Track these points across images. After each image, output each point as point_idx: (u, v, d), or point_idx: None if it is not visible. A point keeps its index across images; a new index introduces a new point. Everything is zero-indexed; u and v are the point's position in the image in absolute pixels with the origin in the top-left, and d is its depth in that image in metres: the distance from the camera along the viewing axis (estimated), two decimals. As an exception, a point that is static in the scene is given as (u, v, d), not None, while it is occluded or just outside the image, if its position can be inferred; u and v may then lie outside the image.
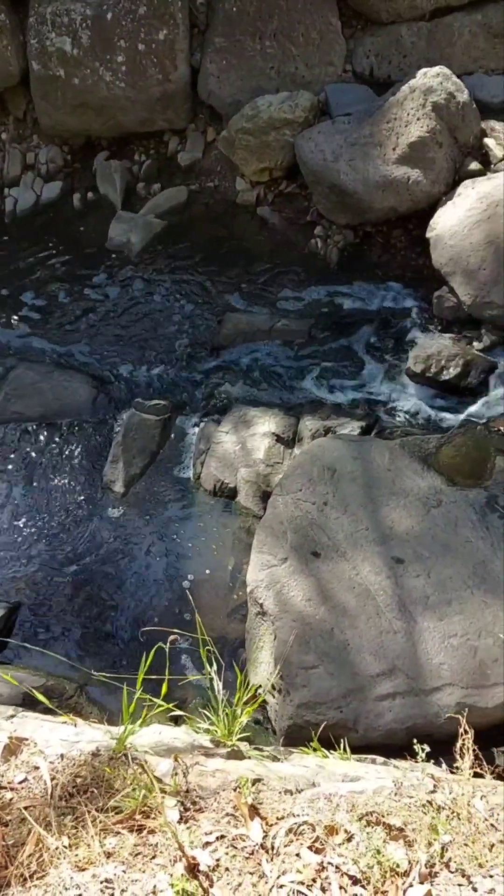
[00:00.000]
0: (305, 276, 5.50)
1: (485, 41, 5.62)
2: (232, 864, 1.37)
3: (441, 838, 1.38)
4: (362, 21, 5.79)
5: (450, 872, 1.33)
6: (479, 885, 1.29)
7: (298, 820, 1.44)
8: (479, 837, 1.40)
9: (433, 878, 1.32)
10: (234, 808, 1.50)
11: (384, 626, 3.33)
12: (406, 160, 5.09)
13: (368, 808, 1.47)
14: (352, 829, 1.41)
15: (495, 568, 3.46)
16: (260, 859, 1.38)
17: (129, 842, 1.40)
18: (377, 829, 1.41)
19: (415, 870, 1.31)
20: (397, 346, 5.09)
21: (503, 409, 4.53)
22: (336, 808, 1.47)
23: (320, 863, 1.35)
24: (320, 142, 5.38)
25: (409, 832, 1.41)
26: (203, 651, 2.17)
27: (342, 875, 1.32)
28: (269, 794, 1.55)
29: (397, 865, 1.33)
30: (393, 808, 1.46)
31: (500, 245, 4.73)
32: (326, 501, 3.79)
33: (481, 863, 1.35)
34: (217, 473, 4.44)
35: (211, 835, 1.43)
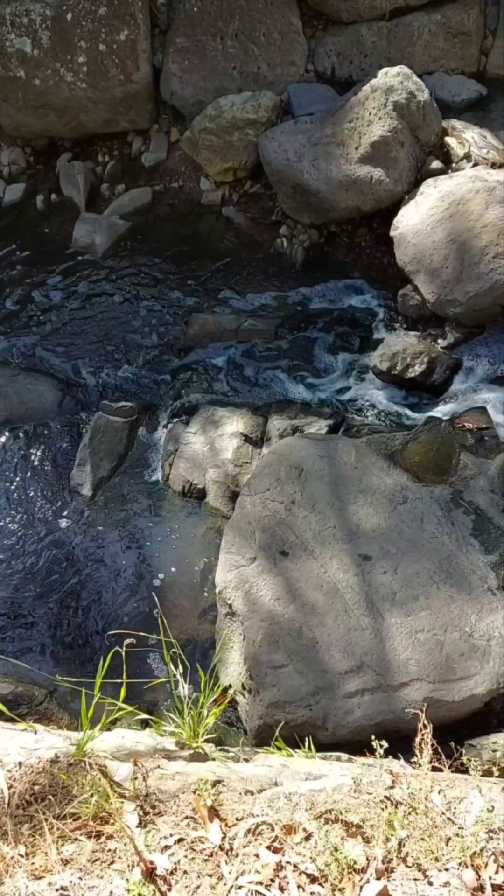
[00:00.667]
0: (271, 276, 5.51)
1: (444, 41, 5.67)
2: (190, 866, 1.37)
3: (398, 834, 1.39)
4: (323, 21, 5.82)
5: (406, 867, 1.34)
6: (434, 879, 1.31)
7: (258, 820, 1.44)
8: (435, 831, 1.42)
9: (390, 873, 1.33)
10: (194, 810, 1.49)
11: (352, 623, 3.34)
12: (368, 159, 5.12)
13: (327, 806, 1.48)
14: (310, 828, 1.41)
15: (461, 562, 3.50)
16: (219, 861, 1.37)
17: (87, 848, 1.39)
18: (335, 827, 1.42)
19: (372, 866, 1.32)
20: (363, 344, 5.12)
21: (467, 406, 4.58)
22: (295, 808, 1.48)
23: (279, 862, 1.35)
24: (283, 142, 5.39)
25: (367, 829, 1.42)
26: (167, 654, 2.17)
27: (300, 874, 1.32)
28: (229, 795, 1.55)
29: (355, 862, 1.34)
30: (351, 805, 1.47)
31: (462, 243, 4.78)
32: (294, 500, 3.80)
33: (437, 856, 1.36)
34: (186, 474, 4.43)
35: (170, 838, 1.42)
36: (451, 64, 5.75)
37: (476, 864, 1.34)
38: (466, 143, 5.30)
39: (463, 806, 1.48)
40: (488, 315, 4.83)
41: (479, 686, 3.15)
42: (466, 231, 4.77)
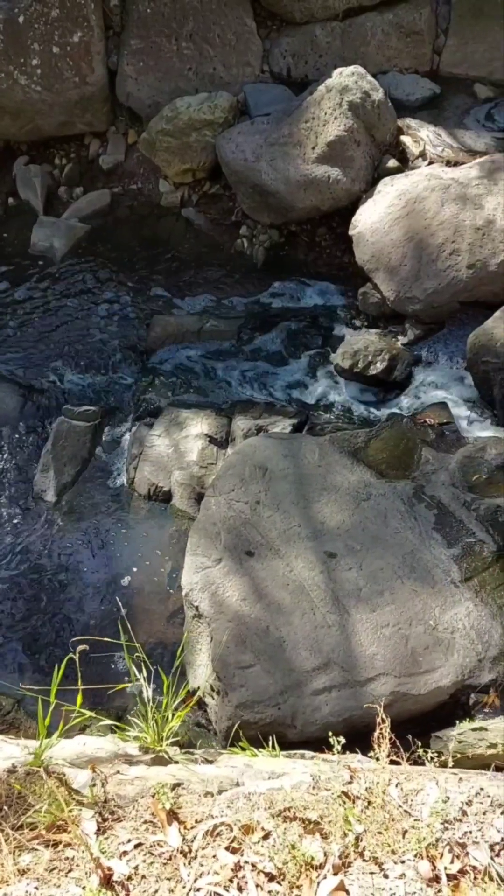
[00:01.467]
0: (233, 277, 5.52)
1: (398, 40, 5.72)
2: (149, 871, 1.37)
3: (354, 829, 1.40)
4: (277, 21, 5.84)
5: (363, 861, 1.35)
6: (390, 872, 1.32)
7: (217, 821, 1.44)
8: (392, 824, 1.43)
9: (347, 868, 1.34)
10: (153, 814, 1.49)
11: (319, 620, 3.36)
12: (325, 159, 5.15)
13: (286, 804, 1.48)
14: (269, 827, 1.42)
15: (424, 557, 3.54)
16: (177, 864, 1.37)
17: (45, 857, 1.38)
18: (294, 825, 1.43)
19: (329, 861, 1.33)
20: (325, 342, 5.15)
21: (428, 402, 4.63)
22: (254, 807, 1.48)
23: (237, 862, 1.35)
24: (241, 142, 5.40)
25: (325, 825, 1.43)
26: (128, 658, 2.16)
27: (258, 873, 1.33)
28: (188, 797, 1.55)
29: (312, 859, 1.35)
30: (310, 802, 1.48)
31: (419, 241, 4.83)
32: (259, 500, 3.80)
33: (394, 849, 1.38)
34: (151, 477, 4.41)
35: (128, 843, 1.42)
36: (404, 63, 5.80)
37: (431, 855, 1.36)
38: (421, 141, 5.36)
39: (420, 798, 1.50)
40: (447, 311, 4.88)
41: (444, 678, 3.18)
42: (423, 229, 4.83)
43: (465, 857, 1.35)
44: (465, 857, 1.36)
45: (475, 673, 3.21)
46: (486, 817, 1.43)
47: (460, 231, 4.75)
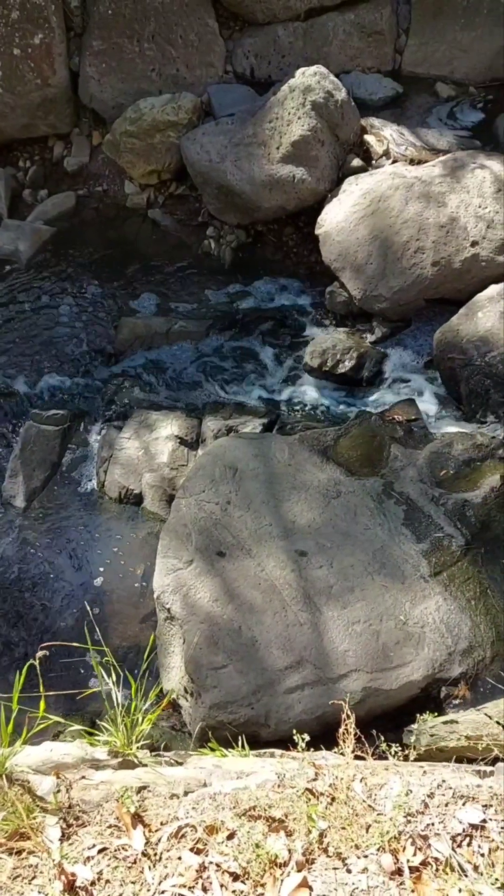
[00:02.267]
0: (200, 278, 5.51)
1: (359, 40, 5.76)
2: (113, 875, 1.36)
3: (318, 825, 1.41)
4: (239, 22, 5.84)
5: (327, 857, 1.36)
6: (353, 866, 1.33)
7: (181, 823, 1.44)
8: (356, 819, 1.44)
9: (310, 864, 1.35)
10: (118, 818, 1.49)
11: (290, 619, 3.37)
12: (290, 159, 5.17)
13: (251, 803, 1.49)
14: (234, 826, 1.42)
15: (393, 552, 3.56)
16: (142, 867, 1.37)
17: (8, 865, 1.37)
18: (258, 824, 1.43)
19: (293, 859, 1.33)
20: (294, 342, 5.17)
21: (396, 399, 4.66)
22: (219, 807, 1.48)
23: (202, 863, 1.35)
24: (205, 143, 5.40)
25: (289, 822, 1.44)
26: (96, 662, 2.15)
27: (223, 873, 1.33)
28: (154, 800, 1.55)
29: (276, 857, 1.35)
30: (274, 800, 1.49)
31: (384, 239, 4.86)
32: (230, 500, 3.80)
33: (357, 844, 1.38)
34: (121, 480, 4.39)
35: (93, 848, 1.41)
36: (367, 63, 5.84)
37: (394, 849, 1.37)
38: (385, 140, 5.40)
39: (384, 792, 1.51)
40: (413, 309, 4.93)
41: (415, 672, 3.21)
42: (388, 227, 4.86)
43: (428, 849, 1.37)
44: (427, 849, 1.37)
45: (446, 666, 3.24)
46: (448, 809, 1.45)
47: (424, 229, 4.79)
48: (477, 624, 3.35)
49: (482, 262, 4.73)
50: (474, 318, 4.51)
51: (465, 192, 4.85)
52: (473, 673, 3.25)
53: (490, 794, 1.47)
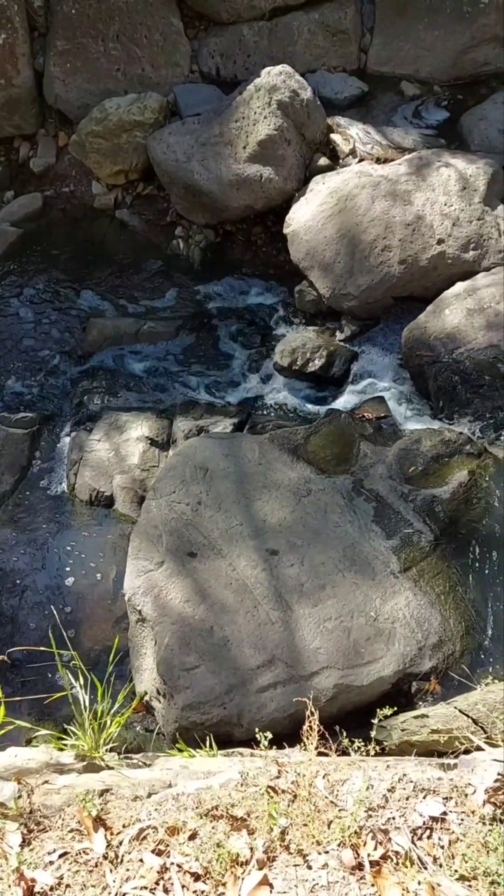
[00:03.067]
0: (169, 278, 5.49)
1: (324, 39, 5.78)
2: (74, 879, 1.36)
3: (279, 822, 1.41)
4: (204, 21, 5.83)
5: (288, 854, 1.36)
6: (314, 863, 1.33)
7: (143, 825, 1.44)
8: (318, 816, 1.45)
9: (272, 862, 1.35)
10: (79, 822, 1.48)
11: (262, 618, 3.37)
12: (257, 158, 5.17)
13: (214, 802, 1.49)
14: (196, 827, 1.42)
15: (363, 549, 3.58)
16: (104, 870, 1.37)
17: (-33, 874, 1.36)
18: (221, 823, 1.43)
19: (254, 857, 1.33)
20: (264, 341, 5.17)
21: (366, 396, 4.68)
22: (182, 808, 1.48)
23: (163, 864, 1.35)
24: (172, 143, 5.38)
25: (251, 821, 1.44)
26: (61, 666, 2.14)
27: (184, 873, 1.33)
28: (117, 802, 1.54)
29: (238, 855, 1.35)
30: (237, 799, 1.49)
31: (351, 238, 4.89)
32: (200, 501, 3.80)
33: (319, 840, 1.39)
34: (92, 482, 4.37)
35: (54, 853, 1.40)
36: (332, 62, 5.86)
37: (355, 844, 1.38)
38: (351, 139, 5.43)
39: (346, 788, 1.52)
40: (381, 307, 4.95)
41: (386, 668, 3.23)
42: (355, 226, 4.88)
43: (388, 843, 1.38)
44: (387, 842, 1.38)
45: (416, 661, 3.27)
46: (408, 802, 1.46)
47: (391, 227, 4.82)
48: (447, 618, 3.39)
49: (448, 260, 4.77)
50: (441, 316, 4.54)
51: (431, 190, 4.89)
52: (444, 667, 3.28)
53: (451, 787, 1.48)
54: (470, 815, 1.42)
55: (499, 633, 3.38)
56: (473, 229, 4.79)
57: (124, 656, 3.74)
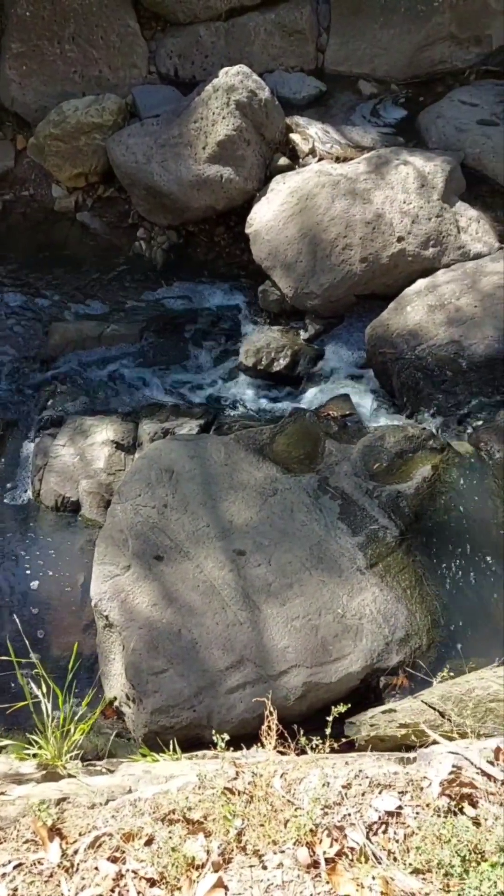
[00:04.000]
0: (132, 280, 5.47)
1: (281, 39, 5.79)
2: (29, 890, 1.34)
3: (234, 824, 1.41)
4: (161, 22, 5.82)
5: (244, 855, 1.36)
6: (268, 862, 1.33)
7: (99, 832, 1.43)
8: (274, 815, 1.45)
9: (227, 864, 1.35)
10: (34, 832, 1.46)
11: (230, 618, 3.37)
12: (217, 159, 5.17)
13: (171, 806, 1.48)
14: (152, 832, 1.41)
15: (330, 547, 3.59)
16: (59, 880, 1.35)
17: None
18: (177, 827, 1.43)
19: (210, 860, 1.33)
20: (229, 341, 5.17)
21: (331, 394, 4.70)
22: (139, 813, 1.47)
23: (119, 871, 1.34)
24: (131, 144, 5.36)
25: (208, 823, 1.44)
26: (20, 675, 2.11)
27: (140, 879, 1.32)
28: (74, 811, 1.53)
29: (194, 859, 1.35)
30: (194, 802, 1.48)
31: (313, 237, 4.90)
32: (166, 503, 3.78)
33: (275, 840, 1.39)
34: (57, 488, 4.33)
35: (8, 865, 1.39)
36: (290, 62, 5.87)
37: (310, 842, 1.38)
38: (310, 138, 5.44)
39: (303, 786, 1.52)
40: (344, 305, 4.98)
41: (354, 664, 3.24)
42: (316, 225, 4.90)
43: (344, 840, 1.38)
44: (343, 839, 1.38)
45: (384, 656, 3.28)
46: (364, 798, 1.47)
47: (351, 226, 4.84)
48: (413, 612, 3.41)
49: (409, 257, 4.81)
50: (403, 313, 4.58)
51: (390, 188, 4.93)
52: (411, 661, 3.30)
53: (406, 781, 1.49)
54: (425, 808, 1.43)
55: (464, 625, 3.41)
56: (433, 226, 4.83)
57: (94, 662, 3.72)
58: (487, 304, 4.42)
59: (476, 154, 5.32)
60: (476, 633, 3.38)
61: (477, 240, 4.88)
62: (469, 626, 3.42)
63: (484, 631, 3.38)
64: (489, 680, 2.94)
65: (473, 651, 3.31)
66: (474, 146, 5.34)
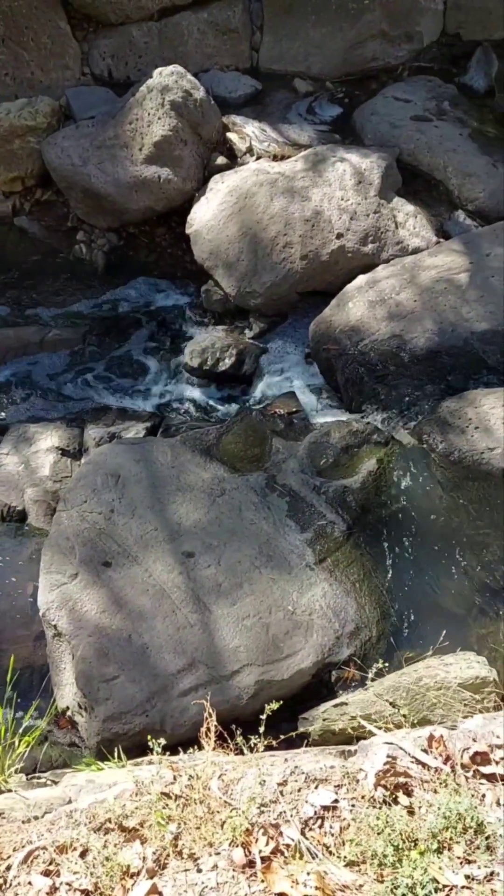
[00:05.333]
0: (73, 284, 5.40)
1: (214, 38, 5.78)
2: (-41, 912, 1.31)
3: (169, 829, 1.40)
4: (93, 23, 5.76)
5: (180, 860, 1.35)
6: (203, 865, 1.33)
7: (33, 846, 1.41)
8: (211, 818, 1.44)
9: (162, 869, 1.34)
10: (-33, 852, 1.43)
11: (181, 621, 3.35)
12: (154, 159, 5.14)
13: (107, 815, 1.46)
14: (87, 842, 1.39)
15: (279, 544, 3.60)
16: (-9, 899, 1.33)
17: None
18: (113, 836, 1.41)
19: (145, 867, 1.32)
20: (174, 343, 5.15)
21: (277, 392, 4.72)
22: (76, 824, 1.45)
23: (52, 885, 1.32)
24: (66, 147, 5.29)
25: (144, 830, 1.42)
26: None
27: (74, 891, 1.30)
28: (8, 826, 1.50)
29: (128, 867, 1.33)
30: (130, 809, 1.47)
31: (253, 235, 4.91)
32: (113, 509, 3.75)
33: (211, 842, 1.39)
34: (2, 497, 4.25)
35: None
36: (224, 61, 5.87)
37: (245, 841, 1.38)
38: (247, 137, 5.45)
39: (240, 786, 1.52)
40: (287, 303, 5.00)
41: (305, 660, 3.26)
42: (256, 223, 4.91)
43: (279, 837, 1.38)
44: (278, 837, 1.39)
45: (334, 650, 3.30)
46: (300, 794, 1.47)
47: (291, 224, 4.86)
48: (362, 605, 3.44)
49: (349, 254, 4.85)
50: (345, 309, 4.61)
51: (328, 185, 4.96)
52: (362, 653, 3.33)
53: (343, 774, 1.50)
54: (360, 800, 1.44)
55: (413, 614, 3.45)
56: (371, 222, 4.88)
57: (46, 673, 3.66)
58: (427, 297, 4.48)
59: (411, 150, 5.39)
60: (424, 621, 3.43)
61: (415, 234, 4.95)
62: (418, 616, 3.46)
63: (432, 619, 3.42)
64: (436, 668, 2.98)
65: (422, 640, 3.35)
66: (409, 142, 5.41)
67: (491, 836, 1.35)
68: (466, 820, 1.35)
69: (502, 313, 4.32)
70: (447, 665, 2.99)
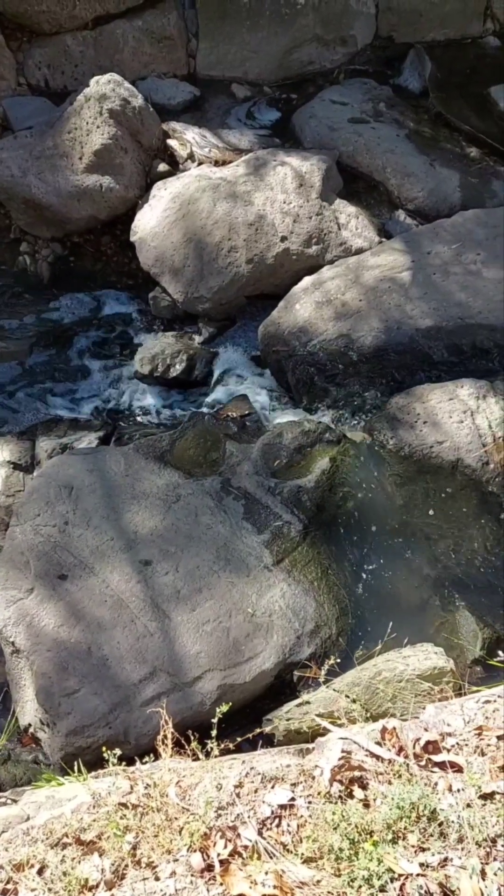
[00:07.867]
0: (18, 295, 5.34)
1: (150, 46, 5.78)
2: None
3: (126, 839, 1.40)
4: (27, 33, 5.70)
5: (138, 869, 1.35)
6: (162, 873, 1.33)
7: (-11, 867, 1.39)
8: (169, 825, 1.44)
9: (121, 880, 1.33)
10: None
11: (140, 630, 3.34)
12: (95, 168, 5.11)
13: (65, 830, 1.45)
14: (44, 858, 1.38)
15: (237, 547, 3.61)
16: None
17: None
18: (71, 850, 1.40)
19: (103, 879, 1.31)
20: (124, 351, 5.12)
21: (230, 395, 4.73)
22: (32, 841, 1.44)
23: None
24: (4, 158, 5.23)
25: (102, 842, 1.42)
26: None
27: (32, 909, 1.29)
28: (-36, 849, 1.48)
29: (87, 880, 1.33)
30: (88, 822, 1.46)
31: (198, 241, 4.91)
32: (67, 521, 3.71)
33: (169, 849, 1.39)
34: (-46, 516, 4.18)
35: None
36: (161, 68, 5.87)
37: (204, 846, 1.39)
38: (188, 143, 5.46)
39: (198, 791, 1.52)
40: (235, 307, 5.01)
41: (266, 662, 3.27)
42: (200, 229, 4.92)
43: (237, 839, 1.39)
44: (236, 839, 1.39)
45: (296, 650, 3.32)
46: (257, 795, 1.48)
47: (235, 228, 4.88)
48: (321, 604, 3.47)
49: (293, 256, 4.89)
50: (293, 310, 4.65)
51: (270, 189, 4.99)
52: (322, 651, 3.35)
53: (298, 772, 1.51)
54: (317, 796, 1.46)
55: (371, 609, 3.50)
56: (314, 225, 4.93)
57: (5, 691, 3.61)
58: (371, 296, 4.55)
59: (350, 152, 5.46)
60: (383, 616, 3.47)
61: (357, 235, 5.01)
62: (376, 610, 3.51)
63: (390, 613, 3.47)
64: (395, 661, 3.02)
65: (381, 634, 3.39)
66: (347, 144, 5.48)
67: (444, 823, 1.37)
68: (419, 808, 1.38)
69: (445, 310, 4.41)
70: (406, 657, 3.03)
